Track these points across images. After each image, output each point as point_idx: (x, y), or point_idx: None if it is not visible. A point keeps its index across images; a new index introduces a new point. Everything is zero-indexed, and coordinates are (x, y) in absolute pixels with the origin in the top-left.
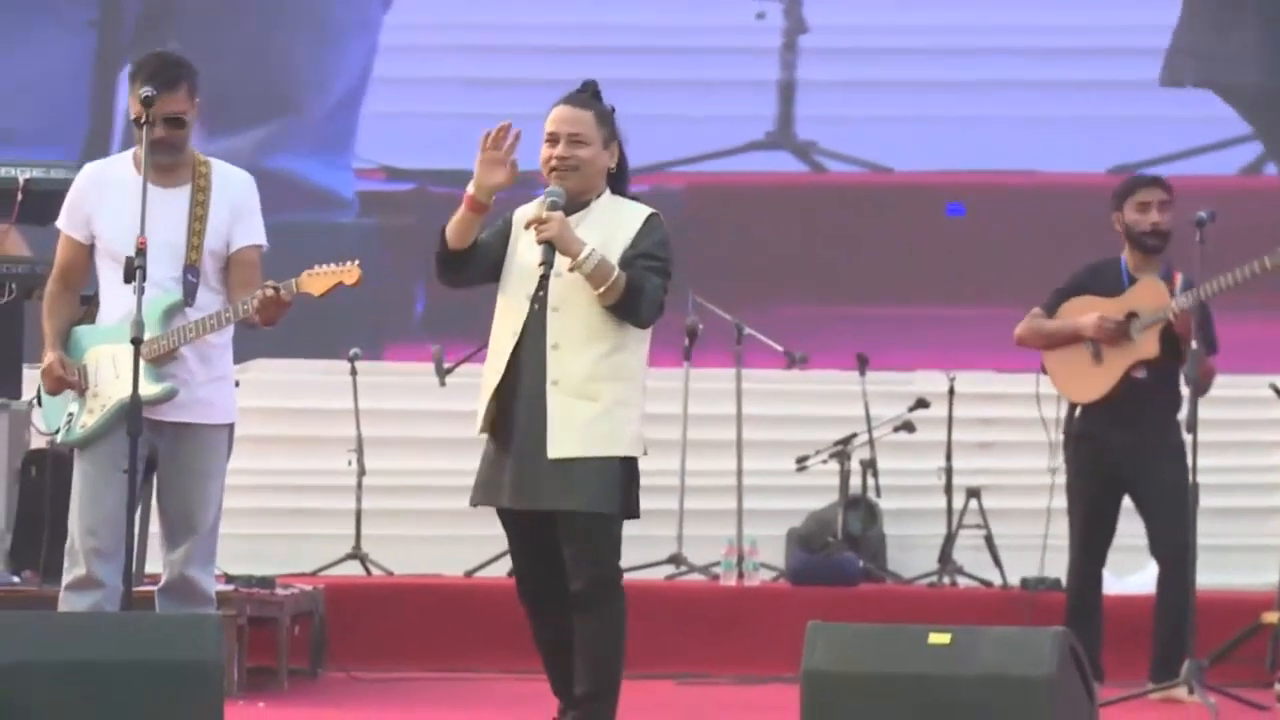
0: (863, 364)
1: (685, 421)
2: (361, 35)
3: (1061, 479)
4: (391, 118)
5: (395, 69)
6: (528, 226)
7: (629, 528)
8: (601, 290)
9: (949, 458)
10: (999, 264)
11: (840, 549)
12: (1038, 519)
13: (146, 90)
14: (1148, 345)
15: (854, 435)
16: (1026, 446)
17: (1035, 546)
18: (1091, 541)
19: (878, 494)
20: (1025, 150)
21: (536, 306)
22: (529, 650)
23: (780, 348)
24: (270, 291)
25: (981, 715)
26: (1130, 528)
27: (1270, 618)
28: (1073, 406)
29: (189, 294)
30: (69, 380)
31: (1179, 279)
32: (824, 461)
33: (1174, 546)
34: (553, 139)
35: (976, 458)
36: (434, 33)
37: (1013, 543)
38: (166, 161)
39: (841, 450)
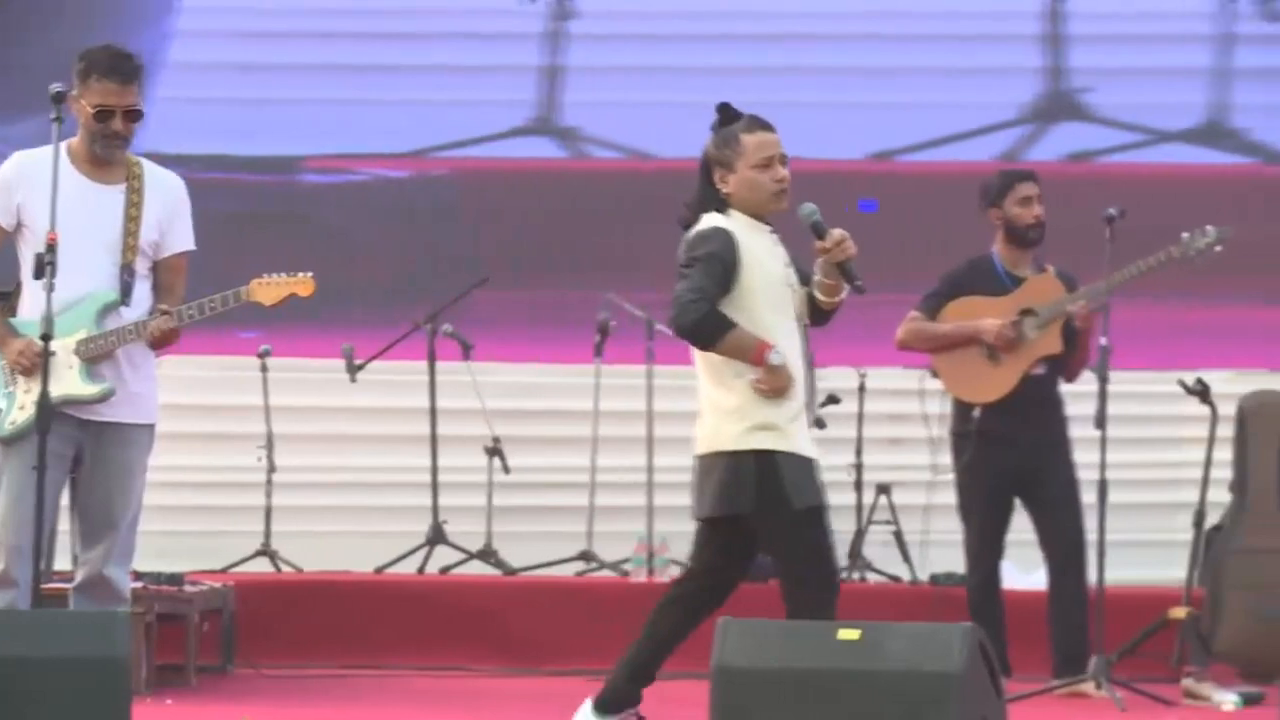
0: None
1: (596, 418)
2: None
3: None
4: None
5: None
6: (831, 250)
7: (536, 523)
8: (833, 302)
9: (859, 454)
10: (912, 256)
11: None
12: (950, 515)
13: (111, 83)
14: (1051, 342)
15: None
16: (936, 442)
17: (947, 543)
18: (993, 538)
19: None
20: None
21: (801, 325)
22: (437, 646)
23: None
24: (166, 322)
25: (891, 711)
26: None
27: (1177, 613)
28: (966, 406)
29: (125, 293)
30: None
31: (1051, 272)
32: None
33: (1071, 543)
34: (779, 160)
35: (886, 454)
36: (211, 17)
37: (923, 539)
38: (118, 156)
39: None
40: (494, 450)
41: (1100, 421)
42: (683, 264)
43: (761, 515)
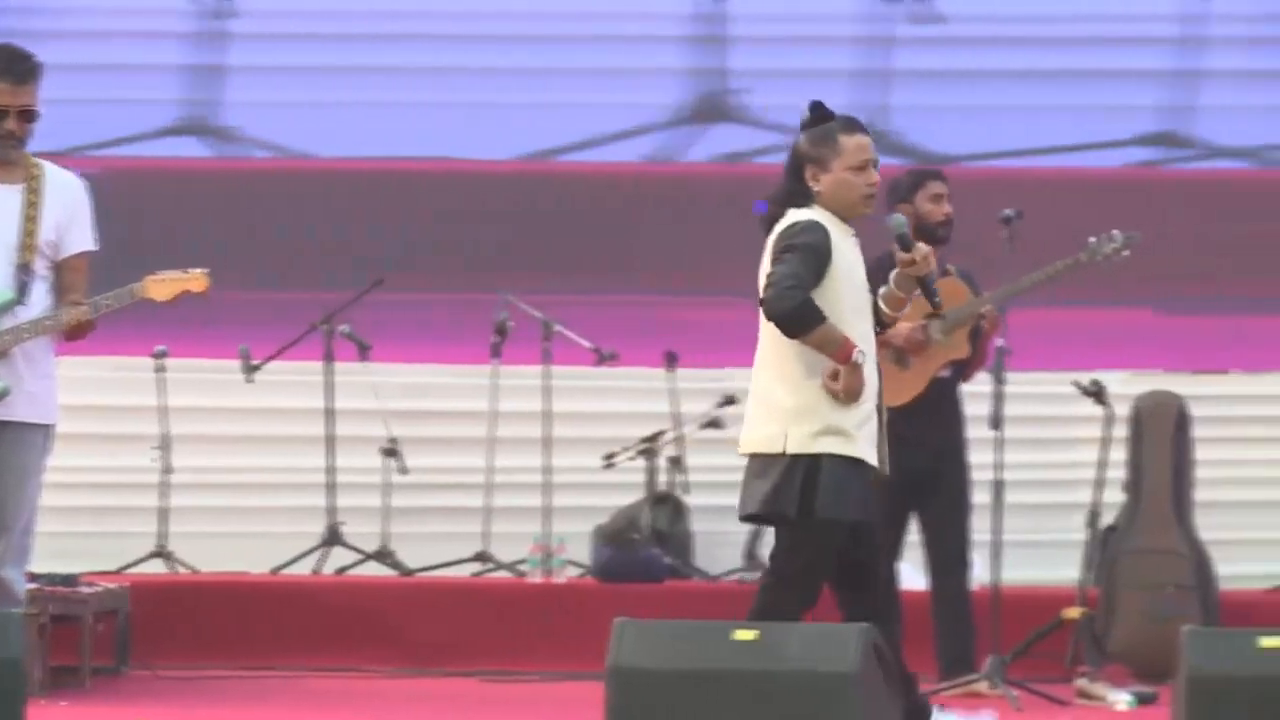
0: (671, 361)
1: (494, 419)
2: None
3: None
4: None
5: None
6: (916, 264)
7: (433, 524)
8: (896, 315)
9: None
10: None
11: (647, 546)
12: None
13: (4, 83)
14: (959, 345)
15: (661, 432)
16: None
17: None
18: (894, 541)
19: (686, 491)
20: (435, 136)
21: (875, 329)
22: (334, 646)
23: (589, 345)
24: (83, 313)
25: (788, 711)
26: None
27: (1071, 613)
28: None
29: (22, 292)
30: None
31: (954, 273)
32: (631, 458)
33: (959, 545)
34: (872, 164)
35: None
36: None
37: None
38: (14, 156)
39: (649, 447)
40: (391, 451)
41: (996, 422)
42: (780, 249)
43: (777, 516)
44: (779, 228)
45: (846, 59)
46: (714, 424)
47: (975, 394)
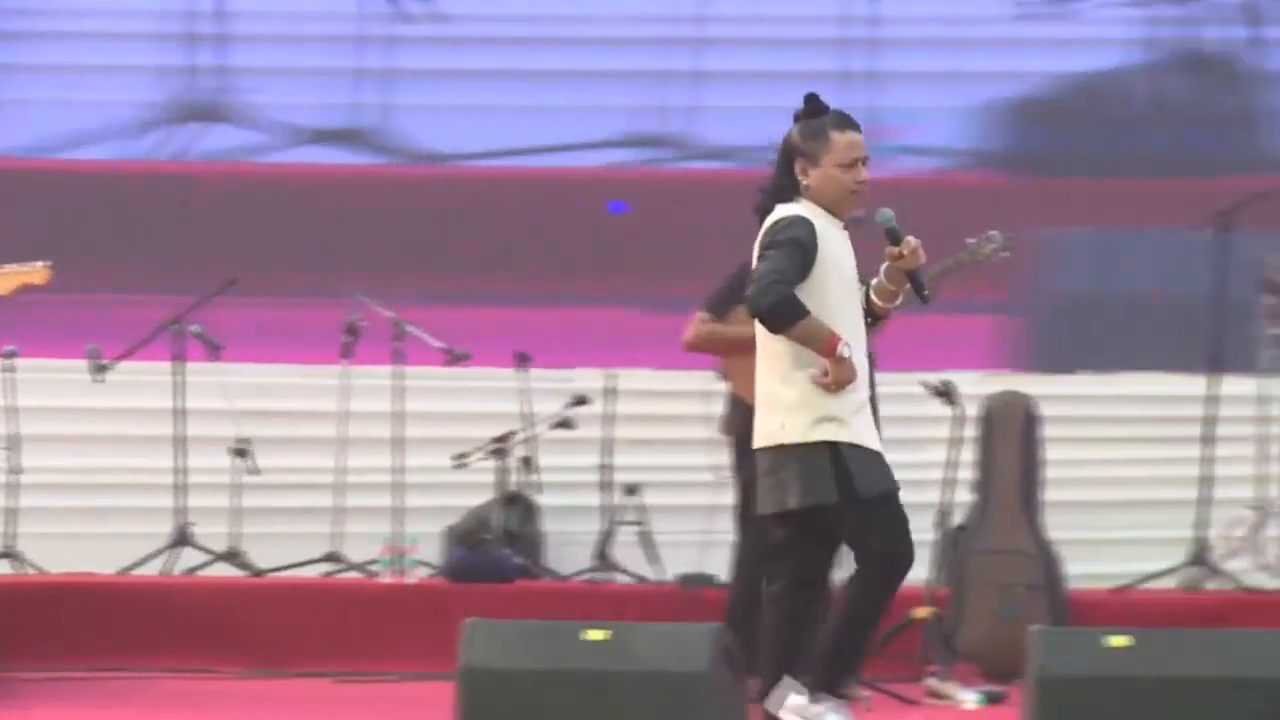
0: (522, 361)
1: (345, 419)
2: None
3: (725, 476)
4: None
5: None
6: (905, 258)
7: (284, 525)
8: (887, 307)
9: (608, 454)
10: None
11: (498, 546)
12: (696, 515)
13: None
14: None
15: (512, 432)
16: (686, 444)
17: (694, 543)
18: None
19: (538, 491)
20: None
21: (866, 320)
22: (183, 647)
23: (440, 344)
24: None
25: (638, 711)
26: None
27: (920, 613)
28: (752, 409)
29: None
30: None
31: None
32: (482, 459)
33: None
34: (862, 161)
35: (636, 454)
36: None
37: (671, 539)
38: None
39: (500, 447)
40: (241, 451)
41: None
42: (765, 246)
43: (832, 506)
44: (766, 223)
45: (348, 58)
46: (565, 424)
47: None
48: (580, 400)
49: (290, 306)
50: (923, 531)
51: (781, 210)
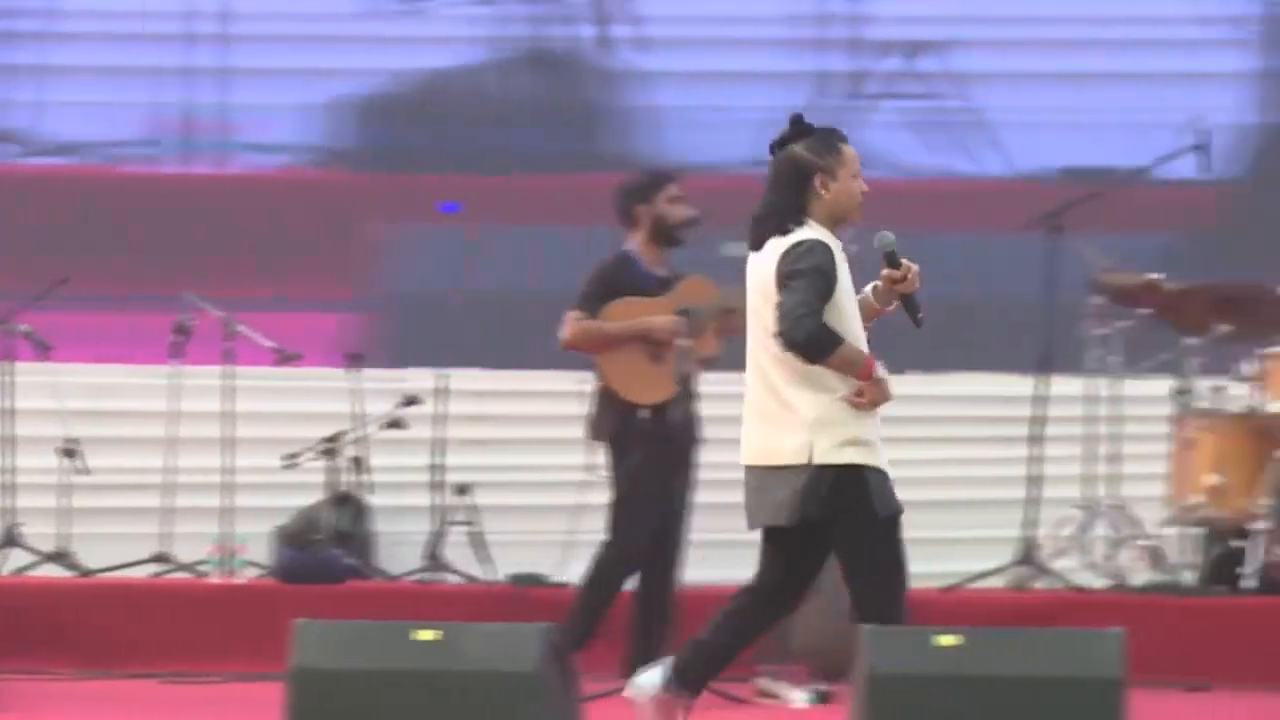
0: (353, 362)
1: (174, 419)
2: None
3: (554, 476)
4: None
5: None
6: (903, 282)
7: (113, 525)
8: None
9: (439, 454)
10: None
11: (328, 546)
12: (528, 515)
13: None
14: (710, 343)
15: (343, 432)
16: (517, 443)
17: (525, 543)
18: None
19: (369, 491)
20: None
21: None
22: (10, 649)
23: (271, 344)
24: None
25: (468, 711)
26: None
27: None
28: (629, 407)
29: None
30: None
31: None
32: (313, 459)
33: (677, 547)
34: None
35: (467, 455)
36: None
37: (502, 539)
38: None
39: (330, 447)
40: (70, 451)
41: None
42: (786, 275)
43: (844, 526)
44: (780, 249)
45: None
46: (396, 424)
47: None
48: (411, 400)
49: (121, 307)
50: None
51: (797, 235)
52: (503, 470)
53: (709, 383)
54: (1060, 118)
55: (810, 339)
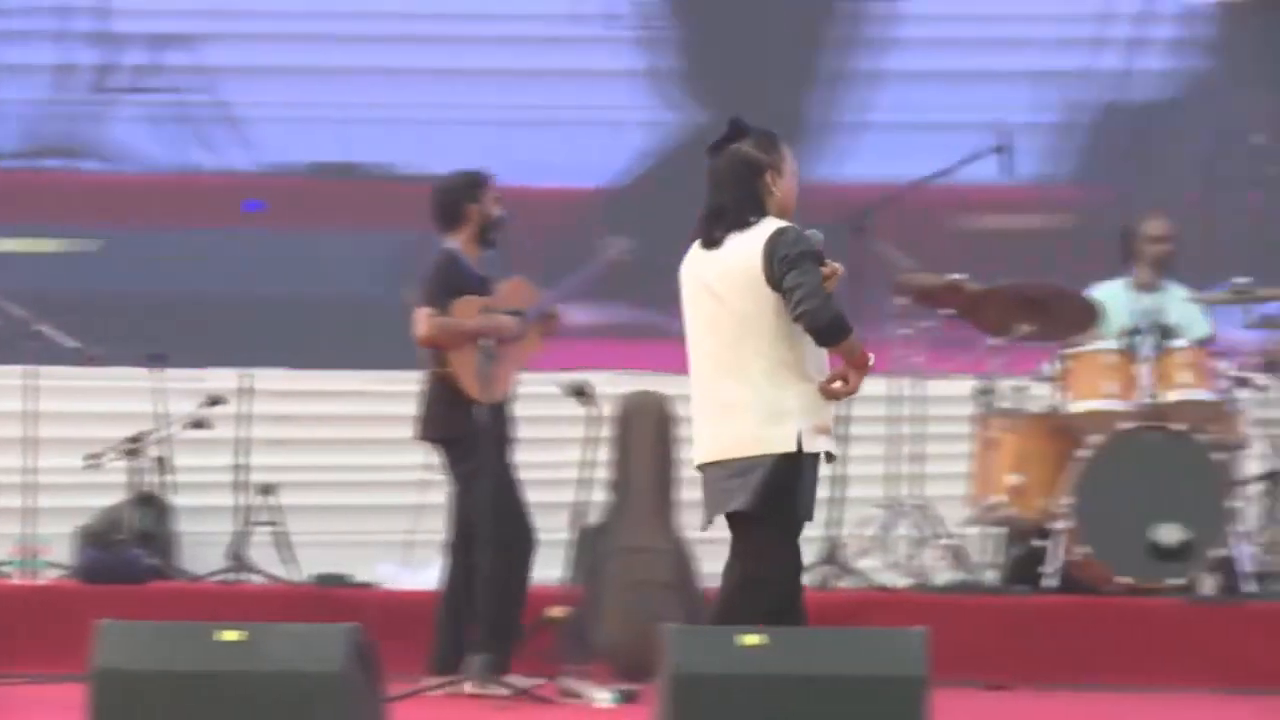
0: (156, 361)
1: None
2: None
3: (359, 476)
4: None
5: None
6: (829, 280)
7: None
8: None
9: (243, 454)
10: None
11: (130, 546)
12: (332, 515)
13: None
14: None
15: (146, 432)
16: (322, 443)
17: (329, 544)
18: None
19: (172, 491)
20: None
21: None
22: None
23: (74, 343)
24: None
25: (273, 711)
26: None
27: (555, 612)
28: (467, 406)
29: None
30: None
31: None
32: (115, 459)
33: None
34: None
35: (271, 454)
36: None
37: (307, 539)
38: None
39: (133, 447)
40: None
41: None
42: (790, 260)
43: (769, 514)
44: (761, 238)
45: None
46: (199, 424)
47: None
48: (215, 400)
49: None
50: (558, 531)
51: (768, 225)
52: (307, 470)
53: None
54: (310, 112)
55: (835, 320)
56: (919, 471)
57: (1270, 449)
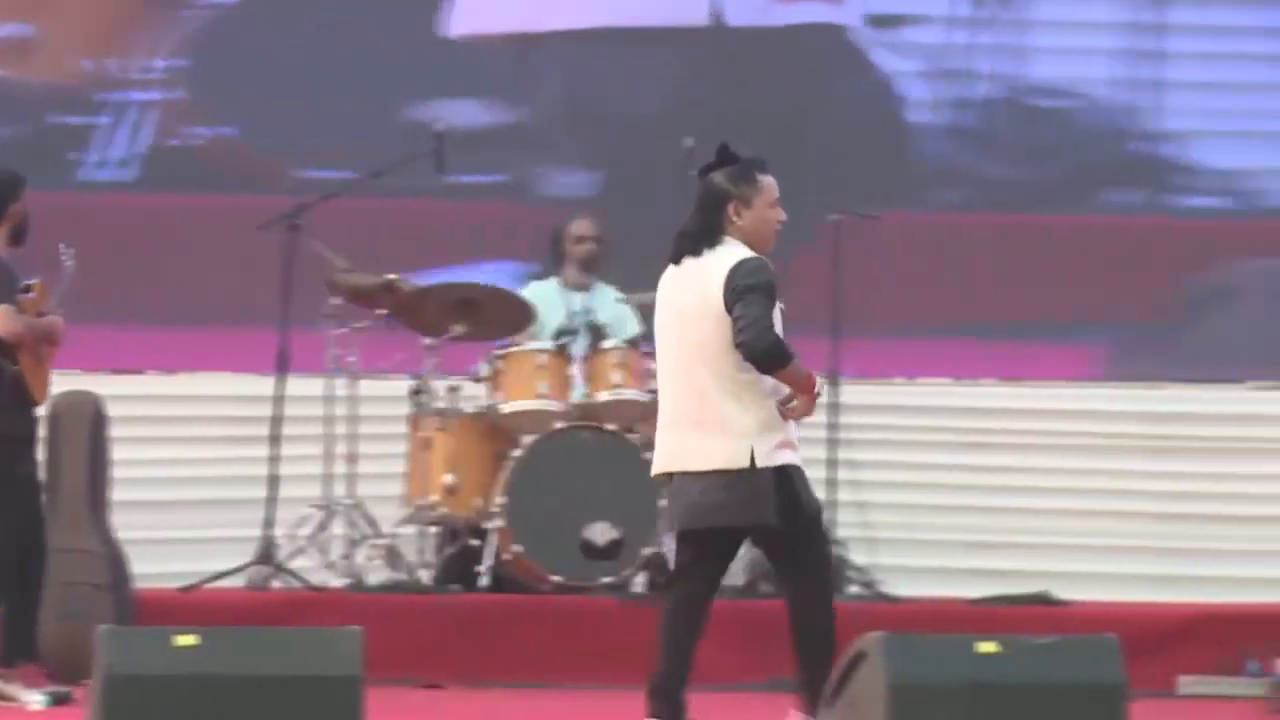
0: None
1: None
2: None
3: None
4: None
5: None
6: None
7: None
8: None
9: None
10: None
11: None
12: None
13: None
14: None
15: None
16: None
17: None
18: None
19: None
20: None
21: None
22: None
23: None
24: None
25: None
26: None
27: None
28: (29, 407)
29: None
30: None
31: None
32: None
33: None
34: (779, 202)
35: None
36: None
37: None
38: None
39: None
40: None
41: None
42: (741, 290)
43: (781, 525)
44: (726, 265)
45: None
46: None
47: None
48: None
49: None
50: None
51: (735, 253)
52: None
53: None
54: None
55: (772, 350)
56: (354, 471)
57: None
